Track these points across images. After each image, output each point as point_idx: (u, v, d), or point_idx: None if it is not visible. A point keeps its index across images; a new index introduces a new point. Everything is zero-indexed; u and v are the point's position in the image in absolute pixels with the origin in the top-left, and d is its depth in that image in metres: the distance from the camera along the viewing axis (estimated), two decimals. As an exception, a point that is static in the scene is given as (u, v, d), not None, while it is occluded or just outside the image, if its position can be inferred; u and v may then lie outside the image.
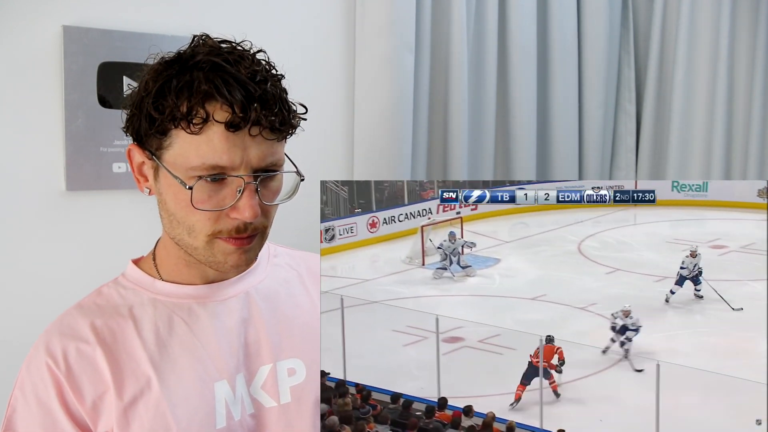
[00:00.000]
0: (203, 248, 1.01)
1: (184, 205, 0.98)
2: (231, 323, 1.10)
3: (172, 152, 0.96)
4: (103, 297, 1.09)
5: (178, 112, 0.93)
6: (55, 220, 1.83)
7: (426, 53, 2.36)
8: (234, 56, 0.96)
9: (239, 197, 0.96)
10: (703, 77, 2.72)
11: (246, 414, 1.08)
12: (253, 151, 0.96)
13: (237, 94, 0.93)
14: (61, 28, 1.79)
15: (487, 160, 2.56)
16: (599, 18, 2.72)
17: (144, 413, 1.01)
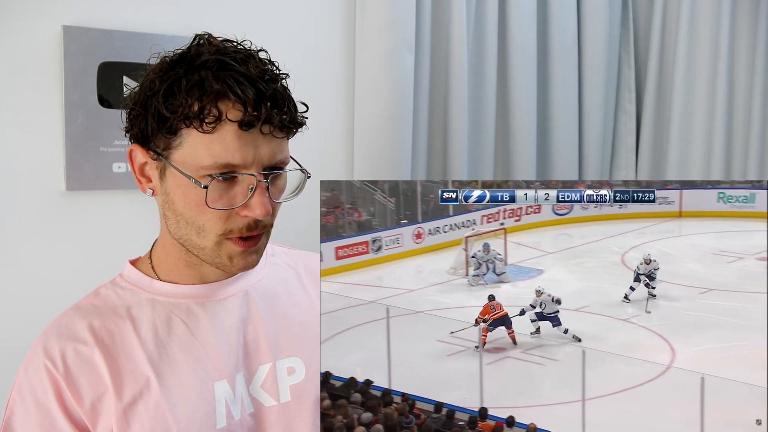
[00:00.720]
0: (211, 249, 1.01)
1: (194, 205, 0.98)
2: (230, 322, 1.10)
3: (182, 152, 0.96)
4: (101, 298, 1.09)
5: (189, 111, 0.93)
6: (54, 220, 1.83)
7: (426, 53, 2.36)
8: (241, 55, 0.97)
9: (251, 195, 0.97)
10: (703, 77, 2.72)
11: (246, 413, 1.08)
12: (264, 149, 0.96)
13: (249, 92, 0.93)
14: (61, 28, 1.79)
15: (487, 160, 2.56)
16: (599, 18, 2.72)
17: (144, 414, 1.01)
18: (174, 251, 1.08)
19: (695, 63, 2.72)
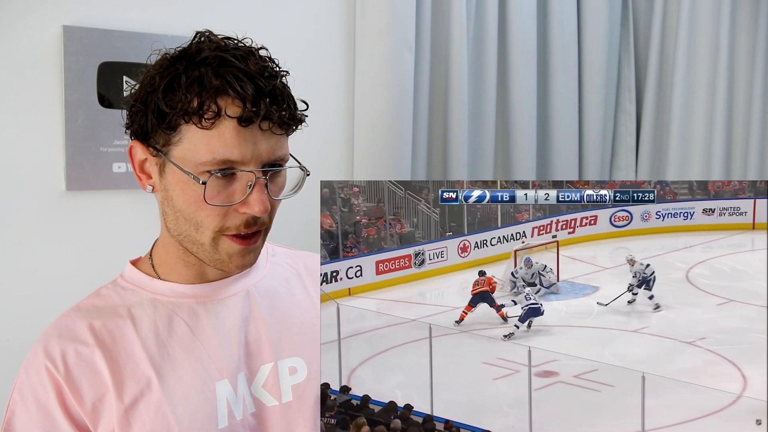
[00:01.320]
0: (209, 245, 1.01)
1: (192, 201, 0.98)
2: (231, 322, 1.10)
3: (181, 148, 0.96)
4: (102, 298, 1.09)
5: (189, 107, 0.93)
6: (54, 220, 1.83)
7: (426, 53, 2.36)
8: (241, 52, 0.97)
9: (250, 192, 0.97)
10: (703, 77, 2.73)
11: (247, 413, 1.08)
12: (263, 146, 0.96)
13: (248, 88, 0.93)
14: (61, 28, 1.79)
15: (487, 160, 2.56)
16: (599, 18, 2.73)
17: (145, 414, 1.01)
18: (173, 250, 1.07)
19: (695, 63, 2.72)
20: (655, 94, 2.84)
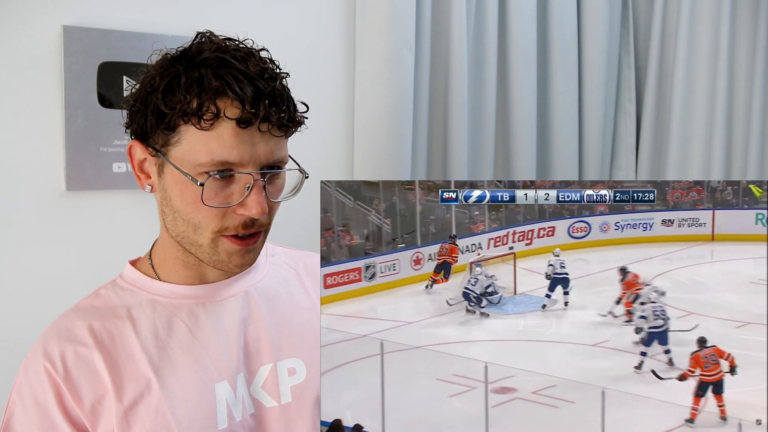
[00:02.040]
0: (208, 246, 1.01)
1: (190, 202, 0.98)
2: (231, 323, 1.10)
3: (179, 148, 0.96)
4: (101, 299, 1.09)
5: (188, 107, 0.93)
6: (54, 220, 1.83)
7: (426, 53, 2.36)
8: (241, 53, 0.97)
9: (248, 194, 0.97)
10: (703, 77, 2.72)
11: (246, 414, 1.08)
12: (262, 148, 0.96)
13: (247, 90, 0.93)
14: (61, 28, 1.79)
15: (487, 160, 2.56)
16: (599, 18, 2.72)
17: (145, 416, 1.01)
18: (172, 251, 1.07)
19: (695, 63, 2.72)
20: (655, 94, 2.84)
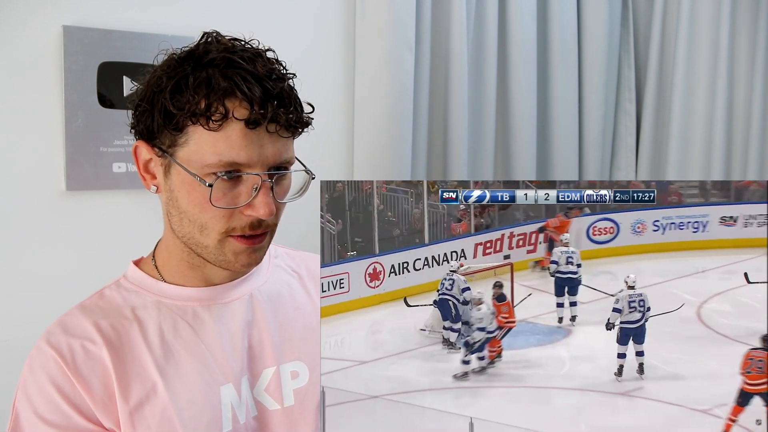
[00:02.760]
0: (214, 247, 1.01)
1: (197, 203, 0.98)
2: (235, 326, 1.10)
3: (187, 149, 0.96)
4: (106, 299, 1.08)
5: (196, 108, 0.93)
6: (54, 220, 1.83)
7: (426, 53, 2.36)
8: (248, 54, 0.97)
9: (255, 195, 0.97)
10: (703, 77, 2.72)
11: (250, 417, 1.08)
12: (270, 149, 0.96)
13: (256, 90, 0.93)
14: (61, 28, 1.79)
15: (487, 160, 2.56)
16: (599, 18, 2.72)
17: (150, 418, 1.00)
18: (177, 252, 1.07)
19: (695, 63, 2.72)
20: (655, 94, 2.84)
